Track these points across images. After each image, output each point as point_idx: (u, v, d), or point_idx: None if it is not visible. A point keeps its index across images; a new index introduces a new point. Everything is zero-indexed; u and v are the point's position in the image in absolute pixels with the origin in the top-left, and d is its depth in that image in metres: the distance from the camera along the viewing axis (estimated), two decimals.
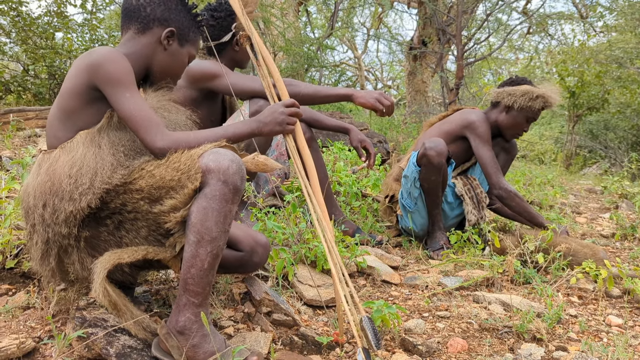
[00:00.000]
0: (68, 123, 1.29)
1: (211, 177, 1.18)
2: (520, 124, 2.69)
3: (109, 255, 1.23)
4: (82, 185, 1.21)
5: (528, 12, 9.11)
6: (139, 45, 1.42)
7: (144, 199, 1.23)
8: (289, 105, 1.44)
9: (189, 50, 1.50)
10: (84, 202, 1.21)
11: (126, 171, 1.26)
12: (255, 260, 1.58)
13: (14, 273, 1.70)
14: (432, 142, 2.49)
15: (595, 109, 9.06)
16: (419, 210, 2.65)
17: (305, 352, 1.49)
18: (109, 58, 1.27)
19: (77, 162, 1.23)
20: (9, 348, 1.23)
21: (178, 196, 1.20)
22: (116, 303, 1.23)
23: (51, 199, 1.22)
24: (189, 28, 1.48)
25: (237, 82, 2.21)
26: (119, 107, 1.26)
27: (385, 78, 17.81)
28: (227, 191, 1.19)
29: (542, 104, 2.63)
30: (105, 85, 1.26)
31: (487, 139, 2.64)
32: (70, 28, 5.42)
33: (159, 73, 1.47)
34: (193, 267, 1.20)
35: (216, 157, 1.19)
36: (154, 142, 1.25)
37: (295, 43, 6.78)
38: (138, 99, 1.27)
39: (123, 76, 1.27)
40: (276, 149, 2.56)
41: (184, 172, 1.20)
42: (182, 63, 1.50)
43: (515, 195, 2.57)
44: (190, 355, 1.22)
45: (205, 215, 1.18)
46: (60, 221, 1.22)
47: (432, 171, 2.50)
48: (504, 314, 1.84)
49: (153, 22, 1.42)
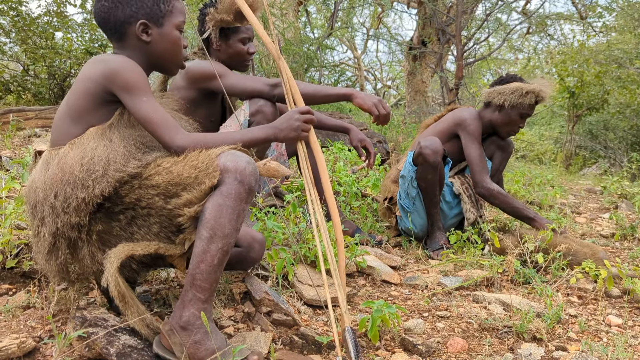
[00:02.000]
0: (79, 121, 1.31)
1: (228, 176, 1.22)
2: (515, 121, 2.70)
3: (122, 246, 1.25)
4: (96, 172, 1.23)
5: (527, 12, 9.11)
6: (128, 52, 1.42)
7: (160, 194, 1.25)
8: (304, 112, 1.47)
9: (171, 23, 1.44)
10: (97, 189, 1.22)
11: (140, 163, 1.28)
12: (252, 256, 1.62)
13: (15, 273, 1.70)
14: (428, 141, 2.50)
15: (594, 109, 9.06)
16: (418, 211, 2.65)
17: (305, 351, 1.50)
18: (125, 66, 1.30)
19: (88, 153, 1.25)
20: (9, 347, 1.23)
21: (194, 191, 1.23)
22: (124, 295, 1.24)
23: (63, 188, 1.23)
24: (156, 5, 1.41)
25: (237, 82, 2.20)
26: (136, 111, 1.30)
27: (384, 78, 17.81)
28: (243, 190, 1.23)
29: (532, 99, 2.63)
30: (122, 92, 1.29)
31: (477, 136, 2.65)
32: (70, 28, 5.43)
33: (162, 63, 1.47)
34: (203, 263, 1.22)
35: (234, 157, 1.24)
36: (172, 140, 1.29)
37: (294, 43, 6.79)
38: (154, 102, 1.31)
39: (139, 82, 1.30)
40: (276, 148, 2.56)
41: (201, 170, 1.23)
42: (174, 42, 1.45)
43: (498, 193, 2.58)
44: (191, 352, 1.22)
45: (219, 212, 1.21)
46: (72, 209, 1.22)
47: (428, 170, 2.50)
48: (503, 313, 1.84)
49: (122, 25, 1.40)
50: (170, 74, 1.53)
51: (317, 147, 1.50)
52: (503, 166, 2.91)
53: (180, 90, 2.27)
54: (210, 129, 2.40)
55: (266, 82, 2.22)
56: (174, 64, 1.49)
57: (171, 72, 1.52)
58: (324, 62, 8.00)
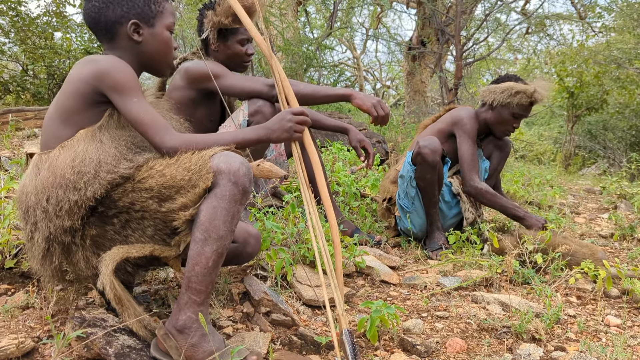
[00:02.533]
0: (69, 122, 1.30)
1: (222, 178, 1.21)
2: (507, 121, 2.69)
3: (117, 249, 1.24)
4: (87, 174, 1.22)
5: (527, 12, 9.12)
6: (118, 52, 1.41)
7: (153, 198, 1.24)
8: (297, 113, 1.44)
9: (162, 24, 1.44)
10: (89, 191, 1.22)
11: (131, 164, 1.27)
12: (248, 251, 1.62)
13: (13, 273, 1.70)
14: (426, 141, 2.51)
15: (594, 110, 9.06)
16: (417, 210, 2.65)
17: (304, 352, 1.50)
18: (115, 67, 1.29)
19: (79, 155, 1.24)
20: (8, 348, 1.23)
21: (189, 194, 1.22)
22: (120, 297, 1.24)
23: (54, 191, 1.22)
24: (147, 6, 1.41)
25: (236, 82, 2.20)
26: (126, 112, 1.29)
27: (384, 78, 17.81)
28: (237, 192, 1.22)
29: (523, 100, 2.62)
30: (112, 92, 1.28)
31: (472, 135, 2.66)
32: (69, 28, 5.42)
33: (153, 64, 1.46)
34: (198, 265, 1.21)
35: (227, 159, 1.23)
36: (163, 142, 1.28)
37: (294, 43, 6.78)
38: (144, 103, 1.30)
39: (129, 83, 1.29)
40: (275, 149, 2.56)
41: (195, 172, 1.22)
42: (165, 42, 1.45)
43: (485, 192, 2.58)
44: (189, 355, 1.22)
45: (214, 214, 1.21)
46: (64, 213, 1.22)
47: (427, 169, 2.51)
48: (502, 314, 1.84)
49: (113, 26, 1.39)
50: (160, 75, 1.51)
51: (312, 148, 1.49)
52: (501, 166, 2.90)
53: (179, 90, 2.27)
54: (210, 129, 2.40)
55: (265, 83, 2.22)
56: (164, 64, 1.48)
57: (161, 72, 1.50)
58: (323, 62, 7.99)
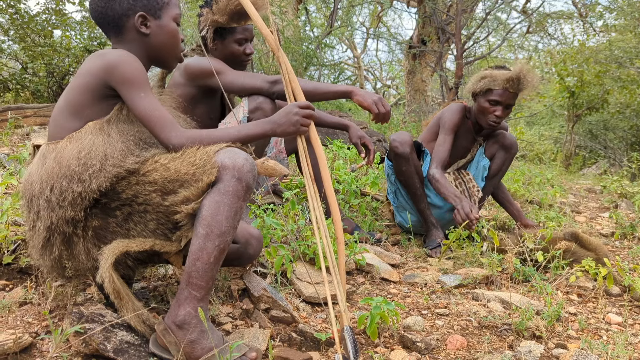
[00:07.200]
0: (78, 116, 1.30)
1: (226, 173, 1.21)
2: (485, 109, 2.62)
3: (117, 242, 1.24)
4: (92, 166, 1.22)
5: (527, 11, 9.11)
6: (127, 46, 1.41)
7: (157, 191, 1.24)
8: (304, 107, 1.43)
9: (169, 15, 1.44)
10: (94, 184, 1.21)
11: (138, 159, 1.27)
12: (249, 252, 1.61)
13: (12, 269, 1.69)
14: (396, 135, 2.60)
15: (594, 109, 9.04)
16: (403, 205, 2.73)
17: (303, 348, 1.49)
18: (124, 60, 1.29)
19: (85, 147, 1.24)
20: (5, 343, 1.22)
21: (192, 188, 1.22)
22: (119, 291, 1.23)
23: (59, 181, 1.22)
24: None
25: (236, 79, 2.19)
26: (134, 106, 1.29)
27: (384, 77, 17.80)
28: (240, 188, 1.22)
29: (490, 84, 2.57)
30: (120, 86, 1.28)
31: (448, 127, 2.68)
32: (68, 25, 5.41)
33: (161, 56, 1.46)
34: (199, 260, 1.21)
35: (232, 154, 1.23)
36: (168, 138, 1.28)
37: (294, 41, 6.78)
38: (152, 98, 1.30)
39: (137, 77, 1.29)
40: (275, 146, 2.55)
41: (199, 167, 1.22)
42: (172, 34, 1.44)
43: (432, 178, 2.57)
44: (187, 351, 1.21)
45: (217, 209, 1.20)
46: (67, 203, 1.21)
47: (400, 162, 2.58)
48: (503, 311, 1.83)
49: (120, 19, 1.39)
50: (169, 67, 1.52)
51: (317, 143, 1.48)
52: (506, 167, 2.79)
53: (179, 87, 2.26)
54: (210, 126, 2.39)
55: (265, 79, 2.21)
56: (172, 56, 1.47)
57: (170, 65, 1.50)
58: (324, 60, 7.98)
